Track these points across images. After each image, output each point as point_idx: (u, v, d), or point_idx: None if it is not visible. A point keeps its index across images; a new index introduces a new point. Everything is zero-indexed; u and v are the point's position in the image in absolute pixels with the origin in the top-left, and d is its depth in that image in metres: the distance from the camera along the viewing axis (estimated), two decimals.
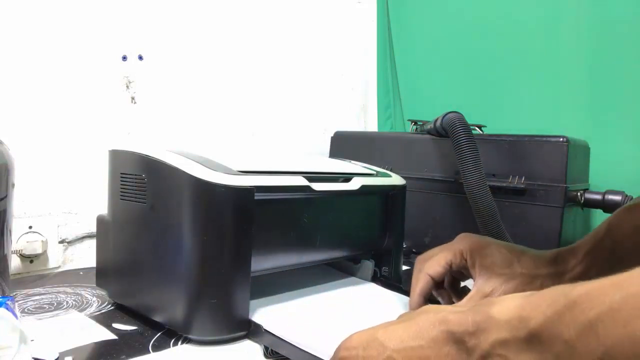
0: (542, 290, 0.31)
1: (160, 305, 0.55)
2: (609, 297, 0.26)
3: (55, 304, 0.65)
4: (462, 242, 0.57)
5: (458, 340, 0.34)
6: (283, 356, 0.50)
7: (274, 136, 1.18)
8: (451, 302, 0.60)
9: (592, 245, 0.55)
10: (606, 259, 0.53)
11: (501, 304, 0.33)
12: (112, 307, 0.64)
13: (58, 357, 0.48)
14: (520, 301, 0.31)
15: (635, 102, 0.96)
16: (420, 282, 0.57)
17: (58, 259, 0.85)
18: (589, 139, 0.96)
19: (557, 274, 0.55)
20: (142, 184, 0.57)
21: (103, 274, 0.65)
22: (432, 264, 0.57)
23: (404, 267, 0.87)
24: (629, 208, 0.54)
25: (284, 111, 1.21)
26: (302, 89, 1.25)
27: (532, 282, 0.54)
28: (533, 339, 0.29)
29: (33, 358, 0.46)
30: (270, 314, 0.57)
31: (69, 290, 0.72)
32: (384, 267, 0.76)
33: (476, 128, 1.00)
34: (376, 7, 1.41)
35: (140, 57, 0.94)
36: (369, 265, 0.75)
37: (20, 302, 0.65)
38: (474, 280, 0.56)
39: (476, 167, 0.82)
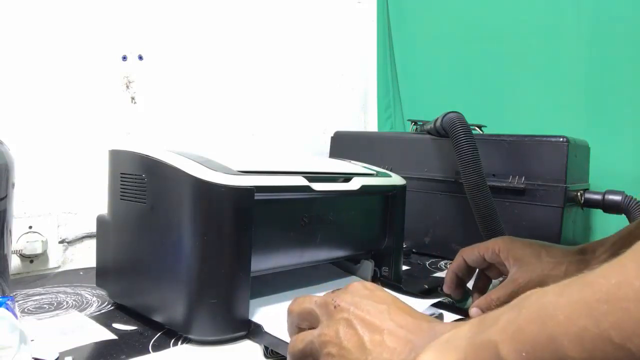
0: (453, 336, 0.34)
1: (160, 305, 0.55)
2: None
3: (55, 304, 0.65)
4: (497, 240, 0.65)
5: None
6: (283, 356, 0.50)
7: (274, 136, 1.18)
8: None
9: (621, 236, 0.59)
10: None
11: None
12: (112, 307, 0.64)
13: (58, 357, 0.48)
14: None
15: (635, 102, 0.96)
16: (454, 262, 0.68)
17: (58, 259, 0.85)
18: (589, 139, 0.96)
19: (583, 261, 0.59)
20: (142, 184, 0.57)
21: (103, 274, 0.65)
22: (467, 250, 0.67)
23: (404, 267, 0.87)
24: None
25: (284, 111, 1.21)
26: (302, 89, 1.25)
27: (557, 267, 0.59)
28: None
29: (33, 358, 0.46)
30: (270, 314, 0.57)
31: (69, 290, 0.72)
32: (384, 267, 0.76)
33: (476, 128, 1.00)
34: (376, 7, 1.41)
35: (140, 57, 0.94)
36: (368, 265, 0.75)
37: (20, 302, 0.65)
38: (508, 271, 0.62)
39: (476, 167, 0.82)
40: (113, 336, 0.54)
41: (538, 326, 0.27)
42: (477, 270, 0.68)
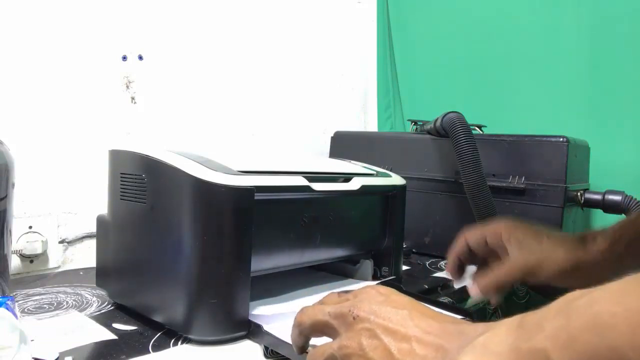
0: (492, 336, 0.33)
1: (160, 305, 0.55)
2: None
3: (55, 304, 0.65)
4: (500, 223, 0.64)
5: None
6: (283, 356, 0.50)
7: (274, 136, 1.18)
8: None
9: (622, 225, 0.59)
10: (637, 234, 0.57)
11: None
12: (112, 307, 0.64)
13: (58, 357, 0.48)
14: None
15: (635, 102, 0.96)
16: (457, 245, 0.66)
17: (58, 259, 0.85)
18: (589, 139, 0.96)
19: (583, 248, 0.59)
20: (142, 184, 0.57)
21: (103, 274, 0.65)
22: (470, 232, 0.66)
23: (404, 267, 0.87)
24: None
25: (284, 111, 1.21)
26: (302, 89, 1.25)
27: (556, 251, 0.59)
28: None
29: (33, 358, 0.46)
30: (270, 315, 0.57)
31: (69, 290, 0.72)
32: (384, 267, 0.76)
33: (476, 128, 1.00)
34: (376, 7, 1.41)
35: (140, 57, 0.94)
36: (368, 265, 0.75)
37: (20, 302, 0.65)
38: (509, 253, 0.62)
39: (476, 167, 0.82)
40: (113, 336, 0.54)
41: (595, 336, 0.26)
42: (479, 262, 0.67)
